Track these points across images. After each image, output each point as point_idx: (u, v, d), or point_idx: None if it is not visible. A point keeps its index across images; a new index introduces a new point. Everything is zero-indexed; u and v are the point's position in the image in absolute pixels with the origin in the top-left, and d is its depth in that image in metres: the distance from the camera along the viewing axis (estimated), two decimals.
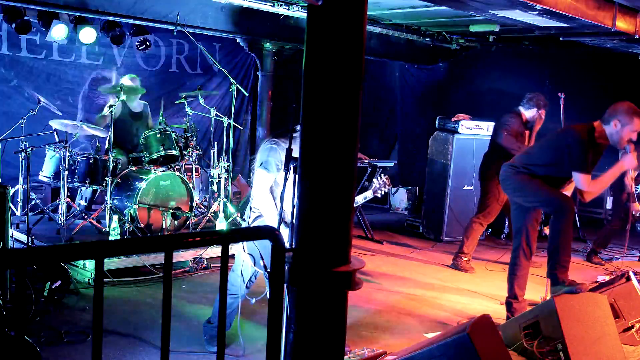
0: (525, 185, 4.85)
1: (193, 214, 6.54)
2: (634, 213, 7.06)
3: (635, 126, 4.53)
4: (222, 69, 7.05)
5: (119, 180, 6.41)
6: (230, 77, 6.89)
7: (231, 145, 6.88)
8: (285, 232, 3.32)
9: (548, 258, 4.72)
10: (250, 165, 4.40)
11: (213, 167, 7.23)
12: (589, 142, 4.58)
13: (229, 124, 6.96)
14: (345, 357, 3.61)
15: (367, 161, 8.05)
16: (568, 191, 5.09)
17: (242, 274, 4.05)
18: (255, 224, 3.97)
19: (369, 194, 4.37)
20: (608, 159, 7.49)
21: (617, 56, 8.33)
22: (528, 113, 6.58)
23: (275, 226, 3.78)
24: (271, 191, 3.95)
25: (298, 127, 3.96)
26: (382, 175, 4.37)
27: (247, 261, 3.91)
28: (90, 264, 5.44)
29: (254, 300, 4.02)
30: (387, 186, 4.32)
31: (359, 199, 4.50)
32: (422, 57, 10.35)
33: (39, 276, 5.22)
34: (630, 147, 4.55)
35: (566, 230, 4.62)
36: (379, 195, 4.37)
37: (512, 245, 5.06)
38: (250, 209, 4.10)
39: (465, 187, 8.03)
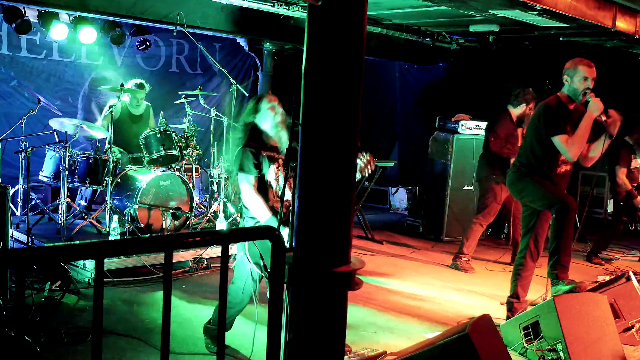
0: (529, 188, 4.86)
1: (193, 214, 6.54)
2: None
3: (583, 73, 4.66)
4: (222, 69, 7.05)
5: (119, 180, 6.41)
6: (230, 77, 6.89)
7: (231, 145, 6.87)
8: (285, 232, 3.33)
9: (549, 257, 4.73)
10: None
11: (213, 167, 7.23)
12: (559, 108, 4.72)
13: (229, 124, 6.96)
14: (345, 357, 3.61)
15: None
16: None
17: (244, 285, 4.03)
18: None
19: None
20: (606, 159, 7.51)
21: (617, 56, 8.33)
22: (517, 110, 6.60)
23: (274, 224, 3.79)
24: (263, 185, 3.95)
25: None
26: (365, 153, 4.26)
27: (255, 269, 3.89)
28: (90, 264, 5.44)
29: (258, 302, 4.01)
30: (372, 164, 4.24)
31: None
32: (422, 57, 10.34)
33: (39, 276, 5.23)
34: (590, 95, 4.61)
35: (567, 230, 4.62)
36: (366, 175, 4.30)
37: (520, 245, 5.05)
38: (244, 219, 4.09)
39: (465, 187, 8.03)
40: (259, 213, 3.90)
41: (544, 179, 4.81)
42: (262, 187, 3.97)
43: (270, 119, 4.08)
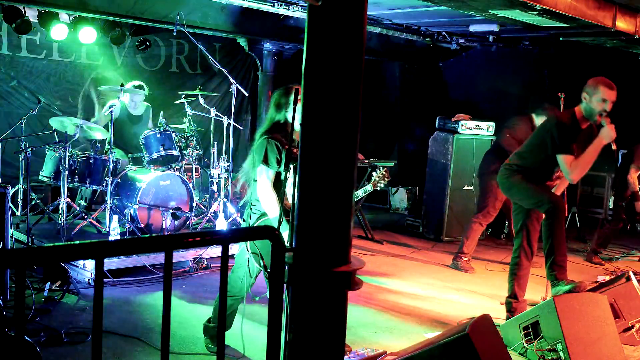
0: (519, 186, 4.87)
1: (193, 214, 6.54)
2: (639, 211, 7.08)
3: (602, 94, 4.54)
4: (222, 69, 7.05)
5: (119, 180, 6.41)
6: (230, 77, 6.89)
7: (231, 145, 6.88)
8: (285, 232, 3.33)
9: (545, 259, 4.73)
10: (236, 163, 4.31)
11: (213, 167, 7.23)
12: (572, 126, 4.62)
13: (229, 124, 6.96)
14: (345, 357, 3.61)
15: (366, 161, 8.05)
16: (559, 190, 5.11)
17: (243, 275, 4.06)
18: (259, 224, 3.97)
19: (369, 188, 4.37)
20: (605, 159, 7.52)
21: (617, 56, 8.33)
22: (538, 120, 6.58)
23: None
24: (278, 182, 3.94)
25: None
26: (381, 168, 4.37)
27: (251, 260, 3.91)
28: (90, 264, 5.44)
29: (257, 298, 4.02)
30: (386, 179, 4.32)
31: (359, 193, 4.52)
32: (422, 57, 10.35)
33: (39, 276, 5.23)
34: (606, 120, 4.53)
35: (559, 230, 4.62)
36: (379, 188, 4.37)
37: (513, 245, 5.07)
38: (251, 209, 4.09)
39: (465, 187, 8.03)
40: (269, 208, 3.89)
41: (534, 181, 4.82)
42: (277, 182, 3.94)
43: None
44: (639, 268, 6.69)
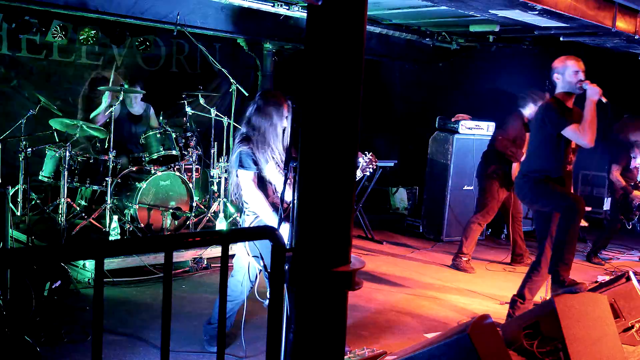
0: (537, 191, 4.84)
1: (193, 214, 6.54)
2: (636, 203, 7.07)
3: (573, 67, 4.71)
4: (222, 69, 7.05)
5: (119, 180, 6.41)
6: (230, 77, 6.89)
7: (231, 145, 6.87)
8: (285, 232, 3.33)
9: (552, 254, 4.71)
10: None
11: (213, 167, 7.23)
12: (560, 106, 4.75)
13: (229, 124, 6.96)
14: (345, 357, 3.61)
15: None
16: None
17: (243, 279, 4.07)
18: (255, 224, 4.00)
19: (357, 174, 4.34)
20: (606, 160, 7.52)
21: (617, 56, 8.33)
22: (527, 111, 6.59)
23: (273, 218, 3.82)
24: (262, 182, 4.00)
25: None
26: (367, 152, 4.33)
27: (253, 263, 3.93)
28: (90, 264, 5.44)
29: (267, 302, 4.03)
30: (373, 163, 4.31)
31: None
32: (422, 57, 10.34)
33: (39, 276, 5.23)
34: (586, 82, 4.67)
35: (573, 229, 4.63)
36: (368, 173, 4.36)
37: (537, 251, 5.01)
38: (244, 212, 4.13)
39: (465, 187, 8.03)
40: (258, 208, 3.96)
41: (553, 181, 4.80)
42: (262, 183, 4.02)
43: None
44: (639, 268, 6.69)
